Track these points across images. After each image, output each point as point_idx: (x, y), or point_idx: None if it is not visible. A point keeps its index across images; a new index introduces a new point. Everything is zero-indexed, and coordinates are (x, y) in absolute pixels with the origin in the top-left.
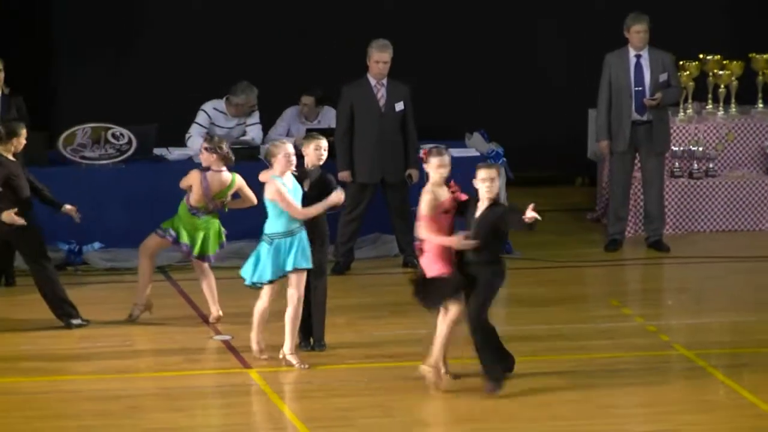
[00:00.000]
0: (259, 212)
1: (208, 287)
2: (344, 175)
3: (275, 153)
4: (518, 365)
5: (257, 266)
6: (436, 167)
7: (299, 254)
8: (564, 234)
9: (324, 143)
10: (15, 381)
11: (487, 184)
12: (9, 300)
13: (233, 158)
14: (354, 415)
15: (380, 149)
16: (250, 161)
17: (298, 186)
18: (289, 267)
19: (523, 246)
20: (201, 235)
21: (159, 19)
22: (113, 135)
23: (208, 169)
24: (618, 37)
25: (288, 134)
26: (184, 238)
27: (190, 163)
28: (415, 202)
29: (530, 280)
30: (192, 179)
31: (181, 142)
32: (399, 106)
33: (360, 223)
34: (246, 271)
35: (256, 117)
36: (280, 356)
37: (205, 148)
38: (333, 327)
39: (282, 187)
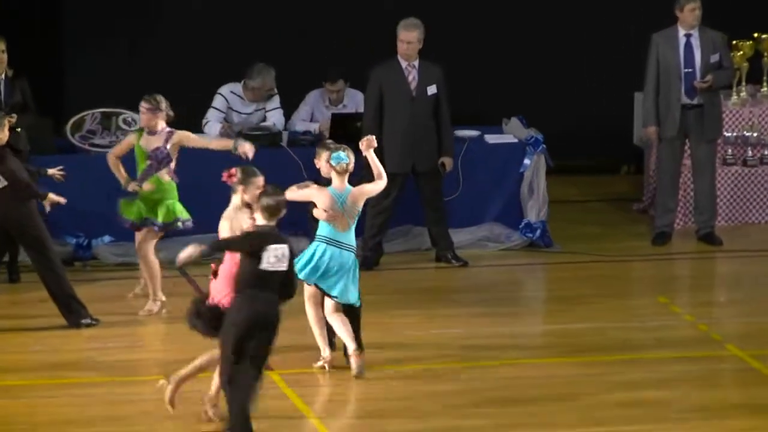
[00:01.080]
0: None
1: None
2: None
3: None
4: (557, 368)
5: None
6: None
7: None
8: (608, 226)
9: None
10: (21, 384)
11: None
12: (13, 297)
13: (172, 114)
14: (382, 423)
15: (411, 136)
16: (271, 148)
17: None
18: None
19: (564, 239)
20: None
21: (172, 0)
22: (125, 121)
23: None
24: (666, 15)
25: (312, 119)
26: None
27: (206, 151)
28: (449, 192)
29: (571, 275)
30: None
31: (198, 128)
32: (431, 90)
33: (389, 214)
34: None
35: (276, 101)
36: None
37: (146, 108)
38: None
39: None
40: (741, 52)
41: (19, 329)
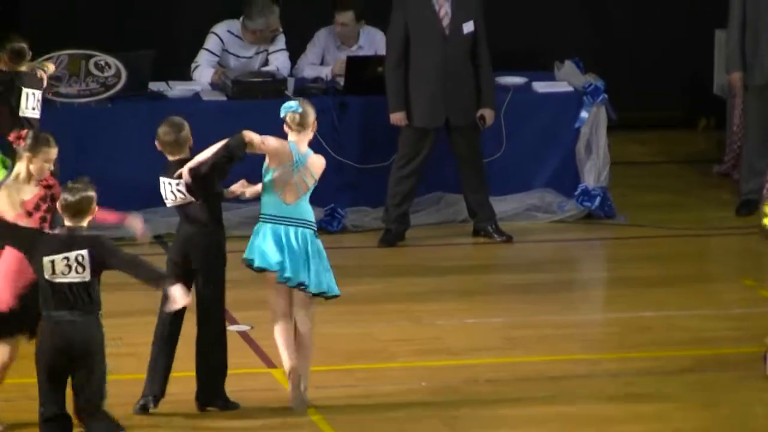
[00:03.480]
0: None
1: None
2: (397, 117)
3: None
4: (623, 363)
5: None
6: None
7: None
8: (683, 193)
9: None
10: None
11: None
12: None
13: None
14: (409, 428)
15: (444, 83)
16: (275, 98)
17: None
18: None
19: (629, 208)
20: None
21: None
22: (96, 65)
23: None
24: None
25: (323, 62)
26: None
27: (195, 101)
28: (489, 151)
29: (638, 253)
30: None
31: (185, 75)
32: (468, 27)
33: (417, 179)
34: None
35: (280, 42)
36: None
37: None
38: (384, 314)
39: None
40: None
41: None
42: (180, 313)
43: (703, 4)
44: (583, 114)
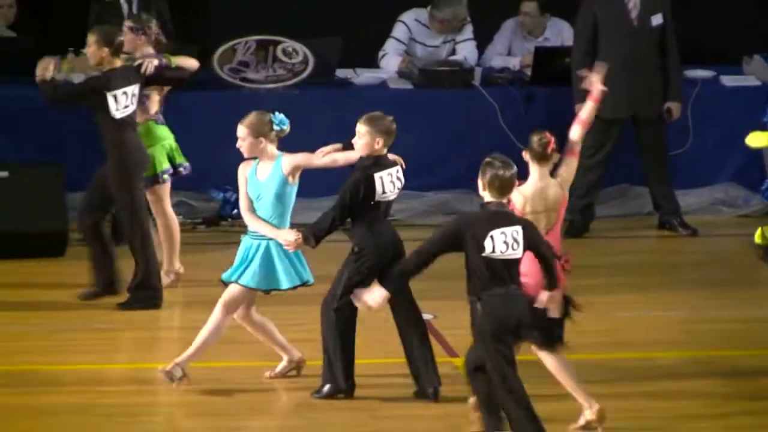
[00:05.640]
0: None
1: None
2: None
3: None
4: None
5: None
6: None
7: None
8: None
9: None
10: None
11: None
12: None
13: (165, 40)
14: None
15: (631, 75)
16: (461, 88)
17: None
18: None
19: None
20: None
21: None
22: (284, 51)
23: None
24: None
25: (509, 53)
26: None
27: (382, 89)
28: (676, 144)
29: None
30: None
31: (373, 62)
32: (656, 20)
33: (603, 170)
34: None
35: (468, 32)
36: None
37: (129, 28)
38: None
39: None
40: None
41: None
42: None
43: None
44: None
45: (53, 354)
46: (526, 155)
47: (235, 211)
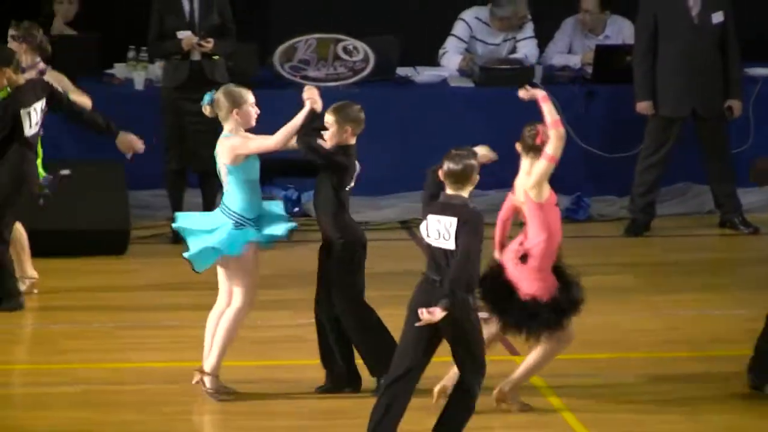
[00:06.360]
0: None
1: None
2: (644, 106)
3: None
4: None
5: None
6: None
7: None
8: None
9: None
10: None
11: None
12: None
13: (49, 48)
14: (648, 419)
15: (692, 73)
16: (522, 86)
17: None
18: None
19: None
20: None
21: None
22: (345, 49)
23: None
24: None
25: (570, 51)
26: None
27: (442, 87)
28: (737, 142)
29: None
30: None
31: (433, 60)
32: (717, 17)
33: (664, 168)
34: None
35: (529, 30)
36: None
37: (11, 36)
38: (626, 303)
39: None
40: None
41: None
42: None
43: None
44: None
45: (115, 352)
46: (518, 146)
47: (297, 209)
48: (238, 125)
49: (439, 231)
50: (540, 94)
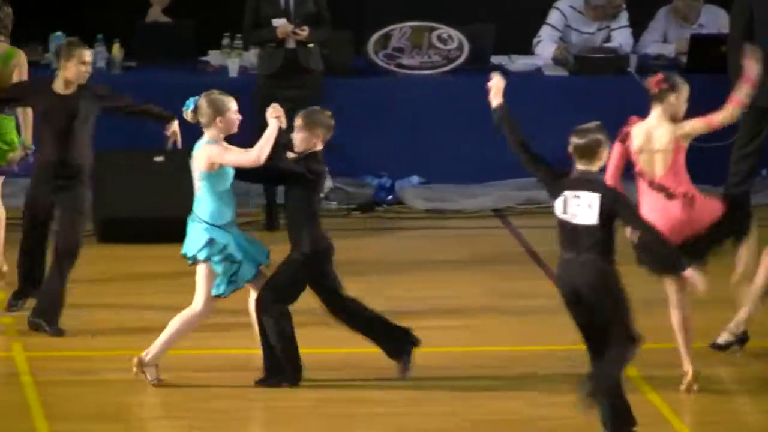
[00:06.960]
0: None
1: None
2: None
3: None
4: None
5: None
6: None
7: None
8: None
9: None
10: None
11: None
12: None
13: (9, 26)
14: (743, 410)
15: None
16: (616, 75)
17: None
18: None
19: None
20: None
21: None
22: (439, 37)
23: None
24: None
25: (665, 40)
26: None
27: (536, 76)
28: None
29: None
30: None
31: (527, 48)
32: None
33: (758, 158)
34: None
35: (623, 19)
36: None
37: None
38: (716, 293)
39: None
40: None
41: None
42: None
43: None
44: None
45: (222, 339)
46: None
47: (390, 197)
48: (220, 132)
49: (580, 206)
50: (753, 72)
